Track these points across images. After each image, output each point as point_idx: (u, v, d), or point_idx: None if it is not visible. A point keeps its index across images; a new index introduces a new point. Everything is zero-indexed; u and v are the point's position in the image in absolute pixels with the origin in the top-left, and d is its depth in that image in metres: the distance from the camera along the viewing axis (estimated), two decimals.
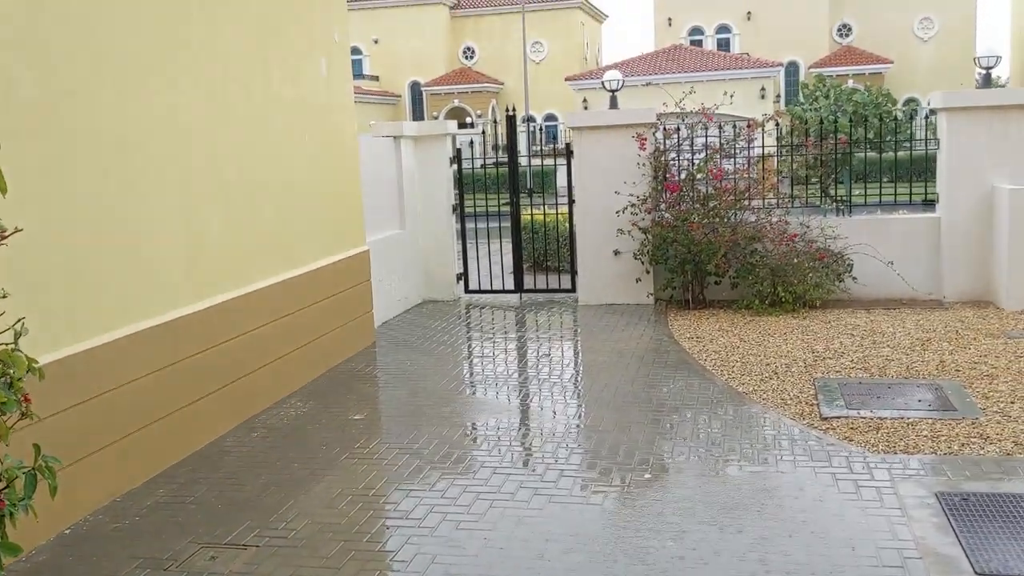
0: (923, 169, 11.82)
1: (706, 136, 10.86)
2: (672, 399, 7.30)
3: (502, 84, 51.23)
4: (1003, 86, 56.55)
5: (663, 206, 10.66)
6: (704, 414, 6.89)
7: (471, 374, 8.73)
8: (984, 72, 10.29)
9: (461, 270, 12.13)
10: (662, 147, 10.93)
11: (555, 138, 44.91)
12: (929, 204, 10.93)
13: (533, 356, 9.27)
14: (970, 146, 10.07)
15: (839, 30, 47.47)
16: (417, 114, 51.63)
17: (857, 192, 15.57)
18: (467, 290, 12.19)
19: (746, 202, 10.60)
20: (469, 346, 9.82)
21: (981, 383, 7.24)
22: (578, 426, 6.90)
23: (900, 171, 11.65)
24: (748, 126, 10.95)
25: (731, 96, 12.50)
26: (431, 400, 7.63)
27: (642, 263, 10.75)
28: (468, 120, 47.42)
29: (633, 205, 10.57)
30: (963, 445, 5.94)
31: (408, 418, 7.21)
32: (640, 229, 10.59)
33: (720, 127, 10.86)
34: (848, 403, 6.92)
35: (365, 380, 8.48)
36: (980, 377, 7.39)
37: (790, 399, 7.12)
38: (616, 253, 10.91)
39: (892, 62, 44.47)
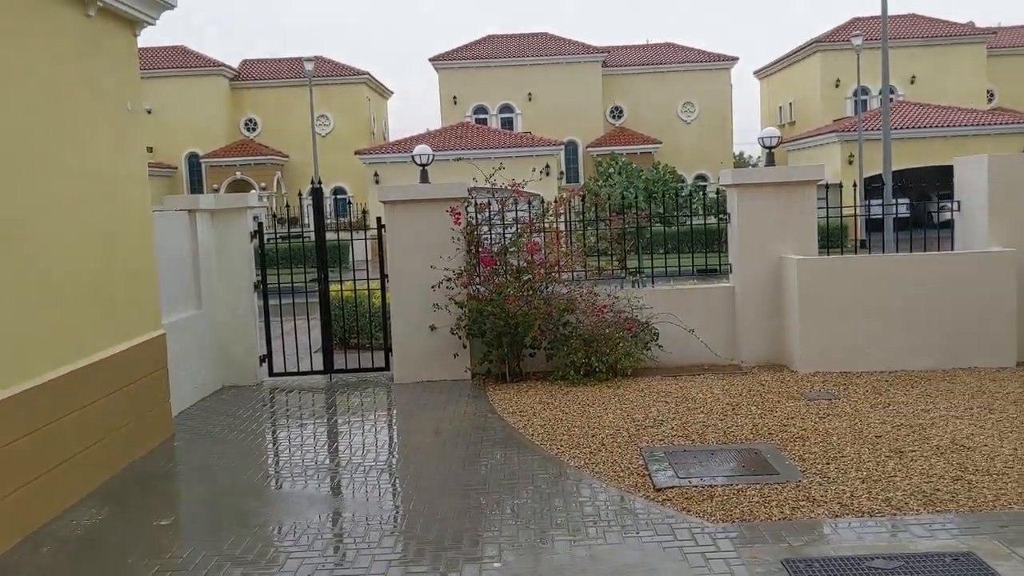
0: (708, 240, 12.48)
1: (516, 210, 10.96)
2: (505, 477, 7.09)
3: (287, 157, 50.22)
4: (755, 165, 62.08)
5: (478, 280, 10.59)
6: (540, 491, 6.72)
7: (280, 465, 8.13)
8: (767, 151, 11.09)
9: (265, 352, 11.43)
10: (475, 221, 10.91)
11: (346, 211, 44.38)
12: (711, 272, 11.53)
13: (346, 441, 8.76)
14: (759, 219, 10.77)
15: (612, 112, 50.55)
16: (195, 187, 49.48)
17: (650, 263, 16.29)
18: (271, 373, 11.49)
19: (557, 274, 10.74)
20: (275, 434, 9.19)
21: (794, 445, 7.56)
22: (396, 513, 6.51)
23: (688, 242, 12.26)
24: (556, 202, 11.18)
25: (544, 171, 12.76)
26: (239, 496, 6.99)
27: (459, 338, 10.58)
28: (252, 192, 45.87)
29: (449, 279, 10.42)
30: (794, 509, 6.11)
31: (217, 518, 6.54)
32: (456, 303, 10.45)
33: (529, 202, 11.01)
34: (678, 472, 6.99)
35: (166, 478, 7.67)
36: (792, 440, 7.72)
37: (623, 471, 7.11)
38: (432, 328, 10.68)
39: (660, 142, 47.80)
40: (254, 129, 51.94)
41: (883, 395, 9.12)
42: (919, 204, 27.52)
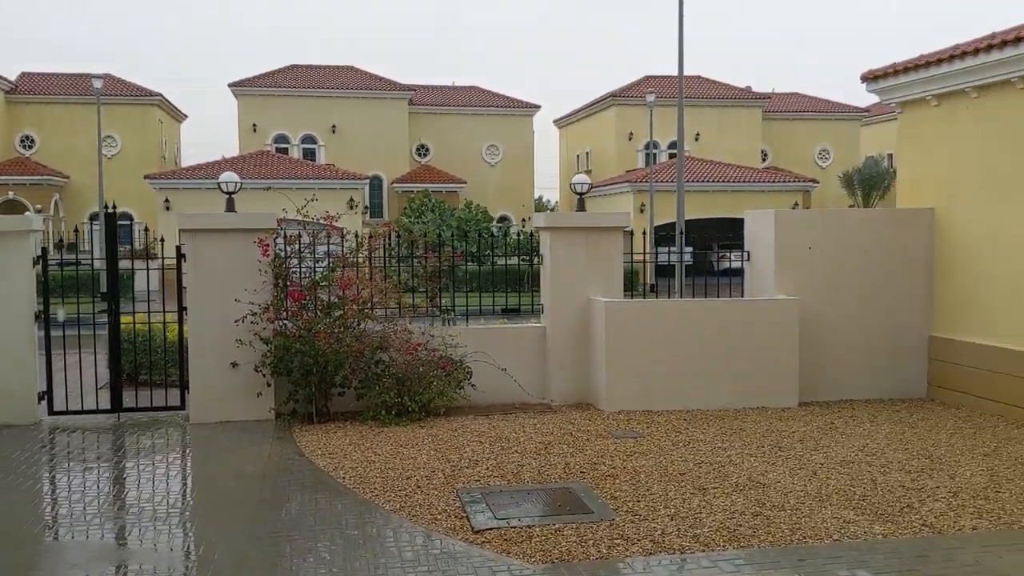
0: (516, 280, 12.66)
1: (328, 244, 10.67)
2: (314, 522, 6.77)
3: (67, 178, 46.66)
4: (553, 209, 64.22)
5: (286, 315, 10.18)
6: (353, 537, 6.47)
7: (59, 513, 7.38)
8: (578, 197, 11.44)
9: (44, 388, 10.41)
10: (284, 254, 10.51)
11: (129, 238, 41.72)
12: (514, 312, 11.71)
13: (135, 486, 8.07)
14: (570, 262, 11.06)
15: (418, 150, 50.79)
16: None
17: (464, 301, 16.33)
18: (51, 411, 10.46)
19: (370, 311, 10.51)
20: (55, 479, 8.36)
21: (606, 483, 7.72)
22: (189, 563, 6.06)
23: (497, 281, 12.40)
24: (371, 237, 10.98)
25: (350, 205, 12.51)
26: (11, 547, 6.31)
27: (263, 375, 10.09)
28: (34, 215, 42.13)
29: (254, 313, 9.94)
30: (610, 548, 6.21)
31: None
32: (262, 339, 9.97)
33: (342, 236, 10.74)
34: (495, 513, 6.95)
35: None
36: (603, 477, 7.89)
37: (439, 513, 6.98)
38: (234, 365, 10.13)
39: (465, 182, 48.47)
40: (31, 147, 47.98)
41: (683, 433, 9.53)
42: (703, 252, 29.46)
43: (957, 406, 10.94)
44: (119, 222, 39.20)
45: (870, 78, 12.23)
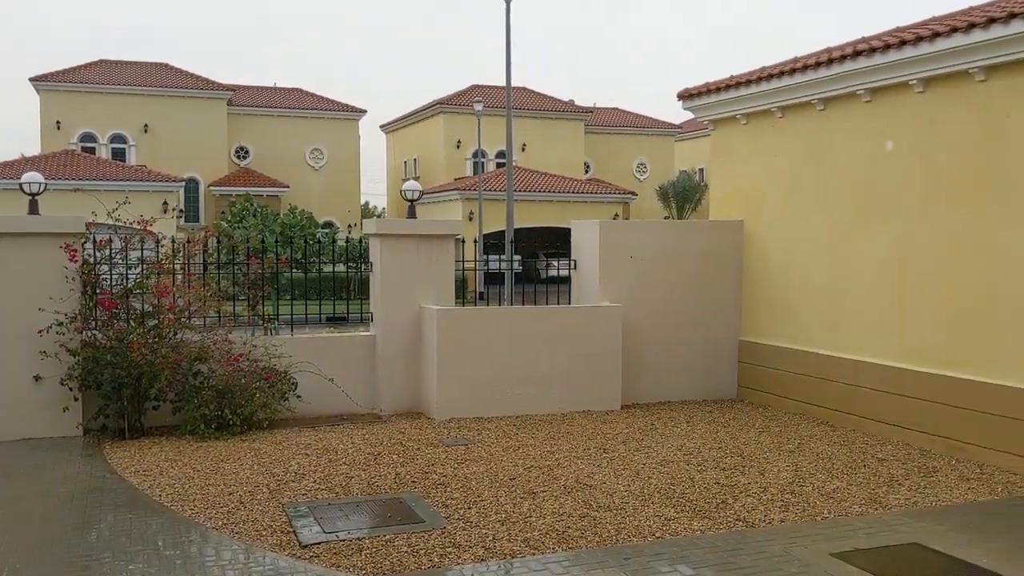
0: (343, 288, 12.47)
1: (142, 249, 10.10)
2: (130, 543, 6.37)
3: None
4: (381, 216, 63.59)
5: (95, 324, 9.55)
6: (170, 558, 6.13)
7: None
8: (409, 204, 11.37)
9: None
10: (93, 259, 9.85)
11: None
12: (341, 320, 11.53)
13: None
14: (401, 269, 10.98)
15: (237, 152, 49.02)
16: None
17: (288, 309, 15.87)
18: None
19: (188, 320, 10.03)
20: None
21: (437, 492, 7.70)
22: None
23: (324, 289, 12.16)
24: (189, 242, 10.49)
25: (174, 209, 11.89)
26: None
27: (71, 389, 9.41)
28: None
29: (60, 323, 9.26)
30: (442, 556, 6.20)
31: None
32: (69, 351, 9.30)
33: (157, 241, 10.20)
34: (324, 527, 6.78)
35: None
36: (434, 486, 7.87)
37: (264, 529, 6.74)
38: (37, 379, 9.40)
39: (288, 186, 47.20)
40: None
41: (513, 439, 9.66)
42: (531, 261, 30.07)
43: (764, 406, 11.66)
44: None
45: (685, 96, 12.88)
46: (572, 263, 12.17)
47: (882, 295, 9.96)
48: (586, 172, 52.92)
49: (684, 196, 49.61)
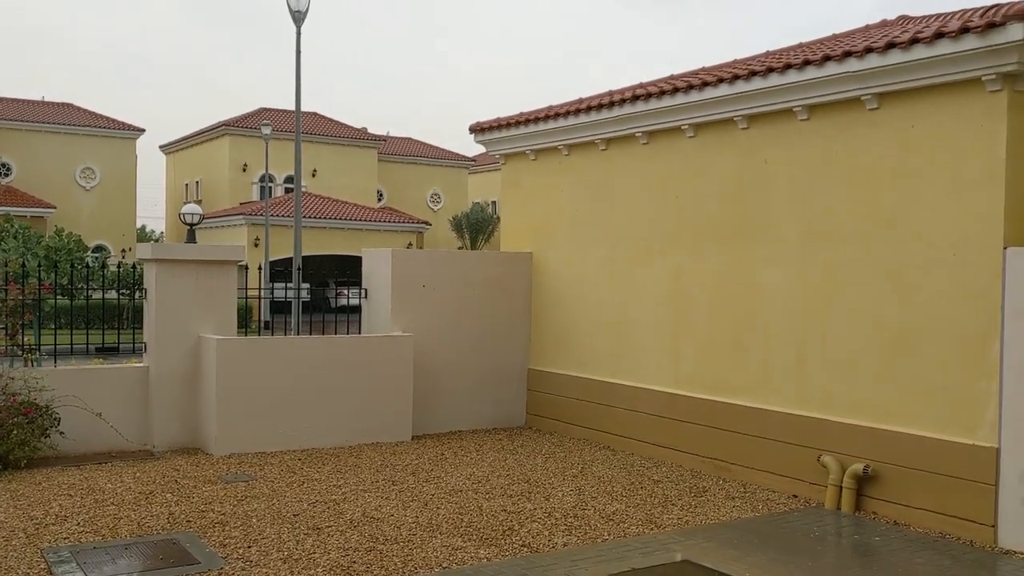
0: (112, 316, 11.72)
1: None
2: None
3: None
4: (158, 240, 60.24)
5: None
6: None
7: None
8: (189, 228, 10.85)
9: None
10: None
11: None
12: (111, 351, 10.84)
13: None
14: (178, 296, 10.41)
15: None
16: None
17: (51, 339, 14.63)
18: None
19: None
20: None
21: (215, 531, 7.32)
22: None
23: (93, 317, 11.35)
24: None
25: None
26: None
27: None
28: None
29: None
30: None
31: None
32: None
33: None
34: (87, 572, 6.27)
35: None
36: (212, 525, 7.47)
37: None
38: None
39: (55, 207, 43.75)
40: None
41: (298, 473, 9.36)
42: (319, 289, 29.38)
43: (550, 432, 11.99)
44: None
45: (477, 130, 13.15)
46: (363, 292, 12.04)
47: (662, 325, 10.54)
48: (379, 200, 52.76)
49: (477, 227, 50.57)
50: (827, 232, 8.78)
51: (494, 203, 54.17)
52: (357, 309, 12.55)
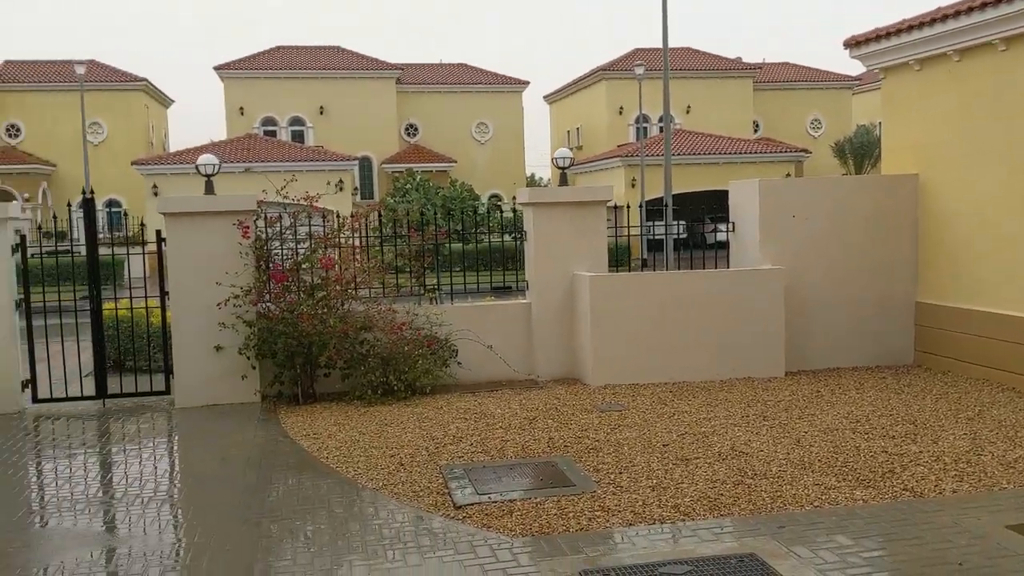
0: (504, 258, 12.61)
1: (310, 225, 10.61)
2: (298, 503, 6.78)
3: (54, 166, 46.49)
4: (546, 186, 63.85)
5: (269, 297, 10.15)
6: (336, 516, 6.47)
7: (46, 500, 7.37)
8: (561, 171, 11.37)
9: (28, 376, 10.38)
10: (265, 236, 10.46)
11: (122, 225, 41.57)
12: (506, 289, 11.66)
13: (122, 471, 8.07)
14: (554, 237, 11.01)
15: (407, 130, 50.61)
16: None
17: (448, 280, 16.31)
18: (36, 399, 10.44)
19: (354, 291, 10.48)
20: (40, 466, 8.34)
21: (589, 457, 7.72)
22: (179, 546, 6.07)
23: (485, 260, 12.36)
24: (353, 217, 10.93)
25: (338, 186, 12.47)
26: None
27: (248, 358, 10.06)
28: (14, 203, 41.85)
29: (236, 296, 9.90)
30: (590, 520, 6.22)
31: None
32: (245, 322, 9.94)
33: (324, 217, 10.69)
34: (477, 489, 6.94)
35: None
36: (586, 451, 7.89)
37: (422, 490, 6.98)
38: (218, 349, 10.10)
39: (455, 161, 48.34)
40: (17, 135, 47.74)
41: (668, 405, 9.53)
42: (694, 226, 29.33)
43: (944, 371, 10.94)
44: (112, 209, 38.71)
45: (853, 44, 12.15)
46: (730, 226, 11.81)
47: None
48: (755, 131, 51.10)
49: (862, 152, 46.99)
50: None
51: (881, 124, 49.99)
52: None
